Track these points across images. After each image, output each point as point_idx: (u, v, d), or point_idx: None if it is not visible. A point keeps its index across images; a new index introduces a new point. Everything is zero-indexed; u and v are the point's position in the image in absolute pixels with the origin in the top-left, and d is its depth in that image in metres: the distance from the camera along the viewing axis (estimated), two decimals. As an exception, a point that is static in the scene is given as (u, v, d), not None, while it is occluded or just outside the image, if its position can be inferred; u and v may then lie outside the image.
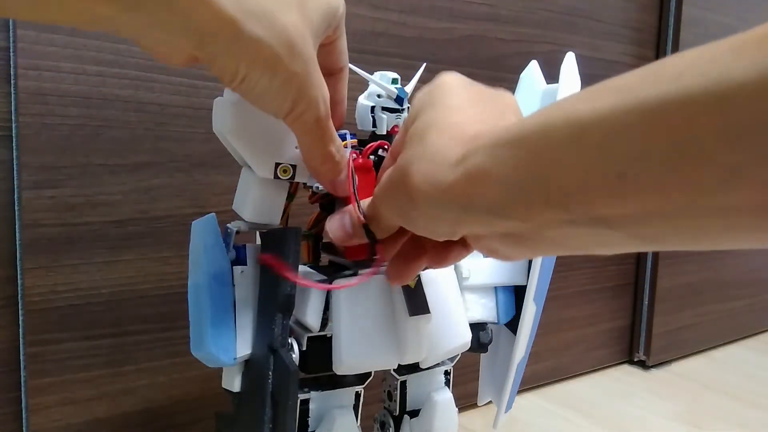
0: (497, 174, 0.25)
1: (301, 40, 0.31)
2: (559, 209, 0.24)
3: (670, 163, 0.20)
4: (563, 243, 0.27)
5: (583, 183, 0.22)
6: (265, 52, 0.30)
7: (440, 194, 0.28)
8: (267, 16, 0.29)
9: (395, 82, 0.41)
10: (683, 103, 0.19)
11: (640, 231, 0.23)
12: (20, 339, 0.52)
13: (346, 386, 0.43)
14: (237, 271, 0.39)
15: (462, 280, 0.45)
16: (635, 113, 0.20)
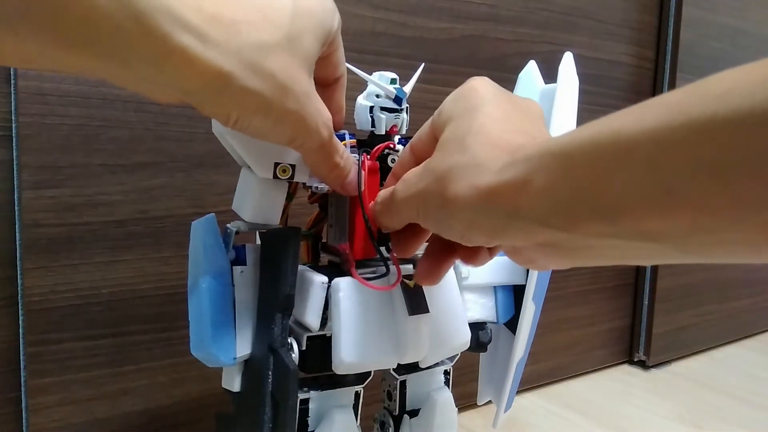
0: (545, 184, 0.26)
1: (291, 80, 0.32)
2: (605, 222, 0.24)
3: (718, 179, 0.20)
4: (606, 254, 0.27)
5: (630, 198, 0.23)
6: (255, 99, 0.31)
7: (483, 202, 0.28)
8: (254, 64, 0.30)
9: (394, 82, 0.41)
10: (730, 120, 0.19)
11: (686, 245, 0.23)
12: (20, 339, 0.52)
13: (345, 386, 0.43)
14: (237, 271, 0.39)
15: (461, 279, 0.45)
16: (683, 129, 0.20)
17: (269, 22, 0.31)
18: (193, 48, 0.27)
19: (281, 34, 0.31)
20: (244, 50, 0.29)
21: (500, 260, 0.46)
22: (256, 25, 0.30)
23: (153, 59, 0.27)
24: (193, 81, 0.29)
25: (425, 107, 0.66)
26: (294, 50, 0.32)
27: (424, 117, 0.52)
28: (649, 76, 0.95)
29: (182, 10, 0.27)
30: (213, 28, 0.28)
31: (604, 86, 0.89)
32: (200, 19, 0.27)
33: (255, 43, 0.30)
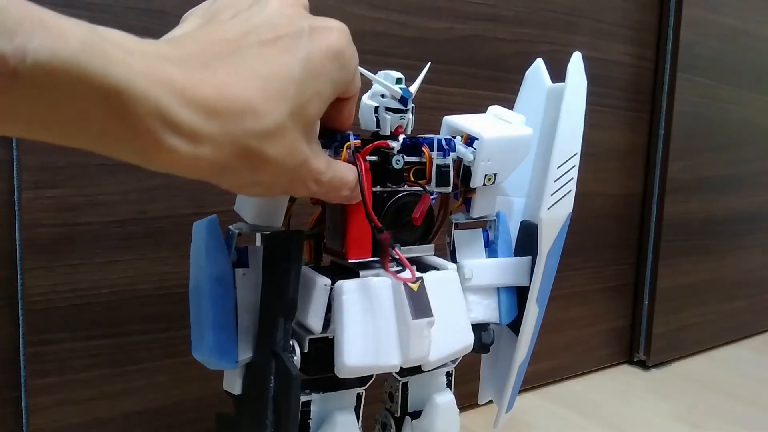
0: None
1: (288, 158, 0.30)
2: None
3: None
4: None
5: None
6: (244, 179, 0.30)
7: None
8: (251, 154, 0.28)
9: (400, 82, 0.41)
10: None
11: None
12: (20, 339, 0.52)
13: (347, 388, 0.43)
14: (239, 273, 0.39)
15: (465, 281, 0.44)
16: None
17: (274, 98, 0.28)
18: (182, 149, 0.26)
19: (286, 110, 0.29)
20: (242, 139, 0.27)
21: (504, 261, 0.46)
22: (259, 107, 0.28)
23: (140, 155, 0.26)
24: (182, 173, 0.27)
25: (425, 107, 0.66)
26: (298, 123, 0.30)
27: (423, 117, 0.52)
28: (649, 76, 0.95)
29: (177, 110, 0.25)
30: (209, 123, 0.26)
31: (604, 86, 0.89)
32: (196, 117, 0.26)
33: (255, 132, 0.28)
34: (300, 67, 0.29)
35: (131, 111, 0.24)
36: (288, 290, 0.37)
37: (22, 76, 0.21)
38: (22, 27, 0.21)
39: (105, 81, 0.23)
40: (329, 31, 0.31)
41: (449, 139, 0.43)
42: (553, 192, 0.44)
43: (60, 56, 0.21)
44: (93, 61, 0.22)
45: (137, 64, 0.24)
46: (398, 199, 0.41)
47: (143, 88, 0.24)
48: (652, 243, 0.97)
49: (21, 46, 0.21)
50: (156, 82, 0.24)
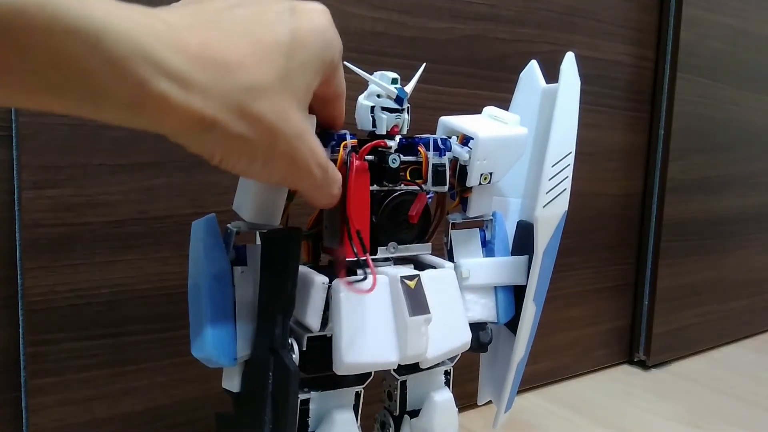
0: None
1: (282, 122, 0.30)
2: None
3: None
4: None
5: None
6: (240, 143, 0.29)
7: None
8: (241, 108, 0.28)
9: (395, 82, 0.41)
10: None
11: None
12: (20, 339, 0.52)
13: (346, 386, 0.43)
14: (237, 272, 0.39)
15: (462, 280, 0.45)
16: None
17: (262, 60, 0.28)
18: (173, 94, 0.25)
19: (275, 73, 0.29)
20: (232, 93, 0.27)
21: (501, 260, 0.46)
22: (247, 65, 0.28)
23: (128, 104, 0.25)
24: (172, 126, 0.27)
25: (424, 107, 0.66)
26: (287, 89, 0.30)
27: (423, 117, 0.52)
28: (649, 76, 0.95)
29: (163, 53, 0.24)
30: (197, 71, 0.26)
31: (603, 86, 0.89)
32: (183, 62, 0.25)
33: (244, 86, 0.28)
34: (288, 36, 0.30)
35: (113, 51, 0.23)
36: (286, 287, 0.37)
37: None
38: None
39: (83, 22, 0.22)
40: (312, 11, 0.31)
41: (445, 139, 0.43)
42: (548, 190, 0.44)
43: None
44: (65, 3, 0.22)
45: (118, 10, 0.23)
46: (395, 198, 0.41)
47: (125, 29, 0.23)
48: (652, 243, 0.97)
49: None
50: (140, 27, 0.24)
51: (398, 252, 0.42)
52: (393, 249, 0.41)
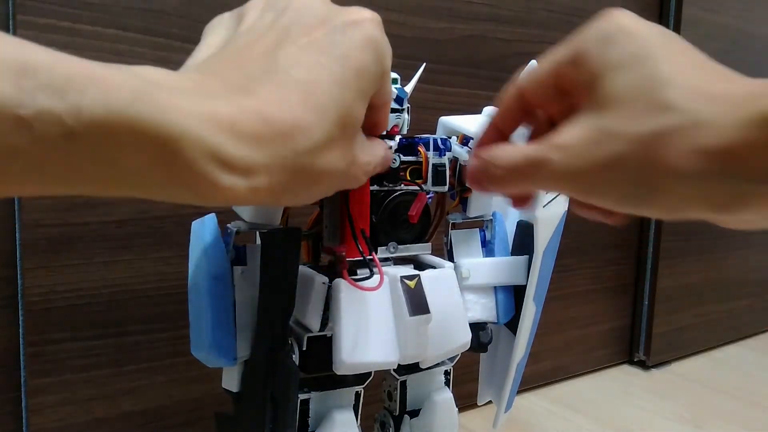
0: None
1: (344, 164, 0.28)
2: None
3: None
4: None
5: None
6: (306, 194, 0.28)
7: (717, 166, 0.24)
8: (304, 171, 0.27)
9: (395, 82, 0.41)
10: None
11: None
12: (20, 339, 0.52)
13: (346, 386, 0.43)
14: (237, 272, 0.39)
15: (462, 280, 0.44)
16: None
17: (316, 109, 0.27)
18: (239, 185, 0.25)
19: (333, 118, 0.27)
20: (294, 160, 0.26)
21: (501, 261, 0.46)
22: (303, 125, 0.26)
23: (200, 197, 0.24)
24: (243, 203, 0.26)
25: (424, 107, 0.66)
26: (345, 128, 0.28)
27: (424, 116, 0.52)
28: (649, 76, 0.95)
29: (226, 146, 0.24)
30: (259, 153, 0.25)
31: (604, 86, 0.89)
32: (245, 149, 0.24)
33: (304, 150, 0.26)
34: (339, 65, 0.28)
35: (187, 156, 0.23)
36: (286, 287, 0.37)
37: (78, 134, 0.20)
38: (72, 84, 0.20)
39: (161, 129, 0.22)
40: (363, 22, 0.29)
41: (445, 139, 0.43)
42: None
43: (114, 109, 0.21)
44: (145, 109, 0.21)
45: (185, 105, 0.23)
46: (395, 197, 0.41)
47: (196, 131, 0.23)
48: (652, 243, 0.97)
49: (74, 103, 0.20)
50: (206, 122, 0.23)
51: (398, 252, 0.42)
52: (393, 249, 0.41)
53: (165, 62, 0.55)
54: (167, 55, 0.55)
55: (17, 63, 0.19)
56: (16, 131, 0.19)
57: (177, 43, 0.55)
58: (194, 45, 0.31)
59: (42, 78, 0.19)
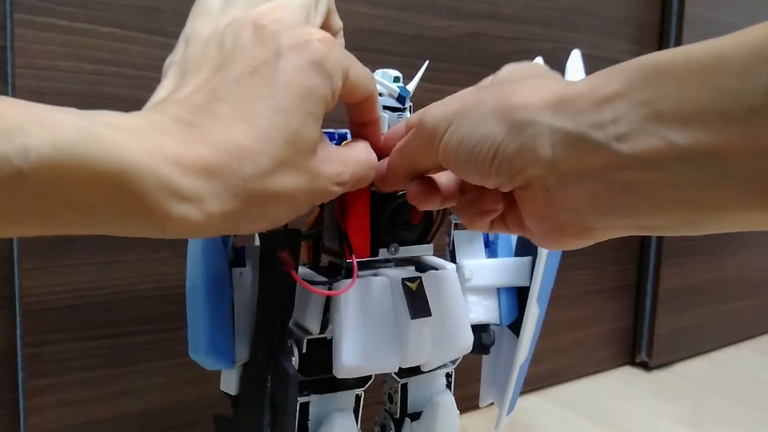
0: (628, 90, 0.25)
1: (299, 184, 0.29)
2: (680, 133, 0.23)
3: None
4: (660, 195, 0.25)
5: (712, 108, 0.22)
6: (265, 219, 0.29)
7: (554, 109, 0.27)
8: (258, 195, 0.27)
9: (397, 80, 0.41)
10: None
11: (755, 182, 0.22)
12: (18, 340, 0.52)
13: (346, 389, 0.42)
14: (236, 273, 0.39)
15: (464, 281, 0.44)
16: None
17: (264, 138, 0.27)
18: (192, 214, 0.25)
19: (280, 144, 0.28)
20: (244, 186, 0.27)
21: (504, 261, 0.46)
22: (251, 153, 0.27)
23: (154, 228, 0.25)
24: (199, 235, 0.27)
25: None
26: (296, 150, 0.29)
27: (425, 116, 0.51)
28: (651, 75, 0.94)
29: (175, 178, 0.24)
30: (208, 183, 0.26)
31: (606, 85, 0.89)
32: (194, 180, 0.25)
33: (253, 176, 0.27)
34: (282, 94, 0.28)
35: (137, 188, 0.23)
36: (285, 288, 0.37)
37: (27, 174, 0.21)
38: (19, 126, 0.21)
39: (108, 164, 0.22)
40: (307, 44, 0.29)
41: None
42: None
43: (61, 148, 0.21)
44: (92, 146, 0.22)
45: (133, 141, 0.23)
46: (396, 198, 0.41)
47: (144, 164, 0.23)
48: (654, 243, 0.97)
49: (21, 144, 0.20)
50: (154, 156, 0.24)
51: (400, 253, 0.41)
52: (394, 250, 0.41)
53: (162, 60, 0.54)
54: (165, 54, 0.54)
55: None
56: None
57: (175, 41, 0.54)
58: (192, 43, 0.31)
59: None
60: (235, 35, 0.30)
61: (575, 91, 0.27)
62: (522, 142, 0.28)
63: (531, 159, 0.28)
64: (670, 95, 0.23)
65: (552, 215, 0.29)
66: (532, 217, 0.31)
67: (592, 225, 0.29)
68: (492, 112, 0.29)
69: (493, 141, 0.28)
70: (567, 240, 0.31)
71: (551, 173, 0.27)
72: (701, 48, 0.23)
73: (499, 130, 0.28)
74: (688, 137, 0.23)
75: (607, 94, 0.25)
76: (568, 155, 0.26)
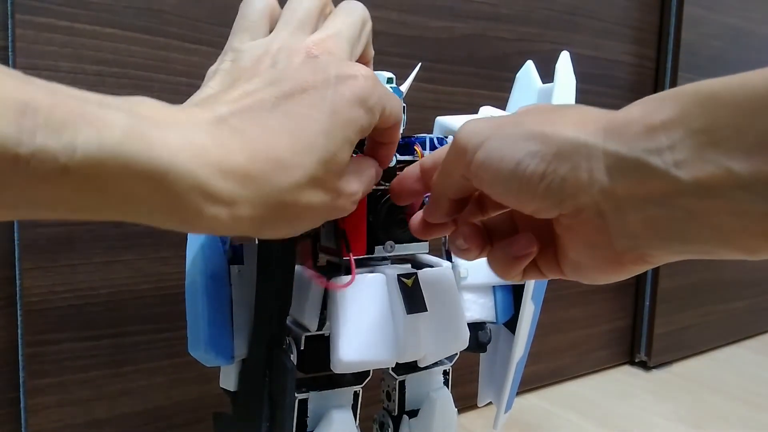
0: (683, 118, 0.24)
1: (326, 201, 0.30)
2: (740, 161, 0.23)
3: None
4: (717, 224, 0.25)
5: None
6: (285, 231, 0.30)
7: (604, 132, 0.27)
8: (286, 207, 0.28)
9: (390, 81, 0.41)
10: None
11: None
12: (19, 339, 0.52)
13: (344, 386, 0.42)
14: (234, 271, 0.39)
15: (460, 279, 0.44)
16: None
17: (302, 153, 0.28)
18: (222, 215, 0.26)
19: (316, 161, 0.29)
20: (276, 196, 0.28)
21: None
22: (288, 165, 0.28)
23: (184, 225, 0.26)
24: (224, 233, 0.28)
25: (424, 106, 0.66)
26: (329, 171, 0.30)
27: (423, 116, 0.52)
28: (650, 75, 0.95)
29: (212, 181, 0.25)
30: (243, 188, 0.27)
31: (605, 85, 0.89)
32: (230, 184, 0.26)
33: (286, 188, 0.28)
34: (327, 119, 0.29)
35: (174, 189, 0.24)
36: (282, 285, 0.37)
37: (71, 170, 0.21)
38: (68, 124, 0.21)
39: (149, 164, 0.23)
40: (354, 79, 0.31)
41: (441, 138, 0.43)
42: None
43: (106, 147, 0.22)
44: (136, 146, 0.23)
45: (175, 140, 0.24)
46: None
47: (184, 166, 0.24)
48: (653, 243, 0.97)
49: (69, 142, 0.21)
50: (194, 158, 0.25)
51: (395, 251, 0.41)
52: (390, 248, 0.41)
53: (163, 61, 0.55)
54: (166, 55, 0.55)
55: (19, 103, 0.20)
56: (13, 167, 0.20)
57: (176, 42, 0.55)
58: (193, 45, 0.31)
59: (41, 118, 0.21)
60: (288, 58, 0.31)
61: (624, 116, 0.26)
62: (575, 164, 0.27)
63: (585, 183, 0.27)
64: (728, 125, 0.23)
65: (606, 243, 0.28)
66: (583, 247, 0.30)
67: (651, 251, 0.28)
68: (537, 131, 0.28)
69: (541, 159, 0.28)
70: (622, 268, 0.30)
71: (607, 198, 0.27)
72: (758, 77, 0.23)
73: (546, 149, 0.28)
74: (748, 166, 0.23)
75: (662, 120, 0.25)
76: (626, 180, 0.26)
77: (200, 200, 0.25)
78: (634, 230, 0.27)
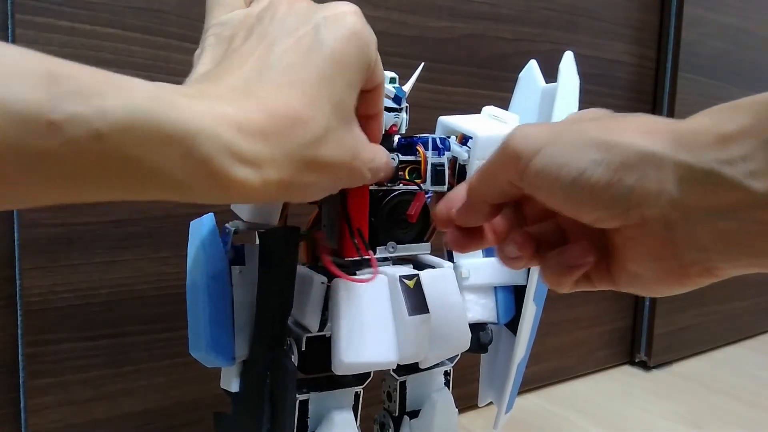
0: (760, 133, 0.24)
1: (344, 156, 0.31)
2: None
3: None
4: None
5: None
6: (313, 188, 0.30)
7: (673, 141, 0.26)
8: (309, 163, 0.29)
9: (393, 81, 0.41)
10: None
11: None
12: (19, 339, 0.52)
13: (345, 387, 0.42)
14: (235, 271, 0.39)
15: (462, 280, 0.44)
16: None
17: (313, 103, 0.29)
18: (251, 177, 0.26)
19: (328, 110, 0.29)
20: (299, 152, 0.28)
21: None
22: (303, 118, 0.28)
23: (216, 194, 0.26)
24: (257, 199, 0.28)
25: (425, 106, 0.66)
26: (340, 118, 0.30)
27: (423, 116, 0.51)
28: (650, 75, 0.95)
29: (237, 141, 0.25)
30: (266, 146, 0.27)
31: (605, 86, 0.89)
32: (253, 144, 0.26)
33: (306, 142, 0.28)
34: (327, 63, 0.29)
35: (204, 151, 0.24)
36: (284, 286, 0.37)
37: (105, 135, 0.21)
38: (95, 90, 0.21)
39: (177, 127, 0.23)
40: (343, 15, 0.31)
41: (444, 139, 0.43)
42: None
43: (135, 111, 0.22)
44: (163, 110, 0.23)
45: (197, 107, 0.24)
46: (393, 197, 0.41)
47: (211, 129, 0.24)
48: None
49: (99, 106, 0.21)
50: (219, 122, 0.25)
51: (397, 252, 0.41)
52: (392, 249, 0.41)
53: (163, 62, 0.55)
54: (166, 55, 0.55)
55: (44, 72, 0.21)
56: (48, 135, 0.20)
57: (175, 42, 0.55)
58: (193, 45, 0.31)
59: (68, 85, 0.21)
60: (272, 12, 0.31)
61: (691, 126, 0.26)
62: (642, 174, 0.26)
63: (654, 193, 0.26)
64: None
65: (672, 254, 0.28)
66: (646, 258, 0.29)
67: (720, 264, 0.27)
68: (602, 139, 0.27)
69: (606, 168, 0.27)
70: (687, 280, 0.29)
71: (676, 209, 0.26)
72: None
73: (611, 157, 0.27)
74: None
75: (734, 129, 0.24)
76: (697, 191, 0.25)
77: (229, 162, 0.25)
78: (704, 243, 0.26)
